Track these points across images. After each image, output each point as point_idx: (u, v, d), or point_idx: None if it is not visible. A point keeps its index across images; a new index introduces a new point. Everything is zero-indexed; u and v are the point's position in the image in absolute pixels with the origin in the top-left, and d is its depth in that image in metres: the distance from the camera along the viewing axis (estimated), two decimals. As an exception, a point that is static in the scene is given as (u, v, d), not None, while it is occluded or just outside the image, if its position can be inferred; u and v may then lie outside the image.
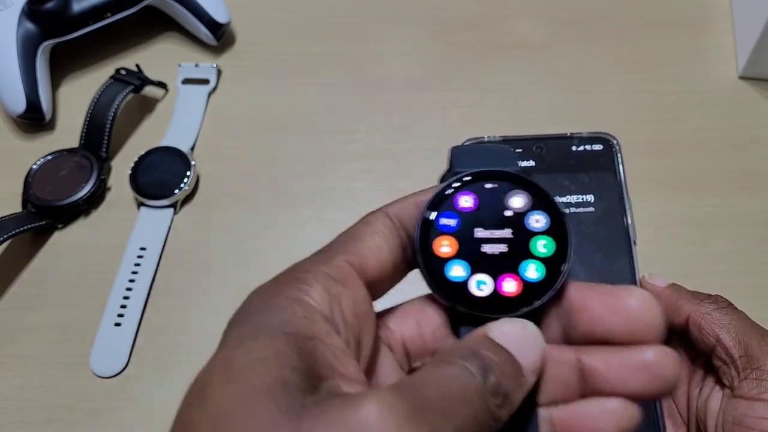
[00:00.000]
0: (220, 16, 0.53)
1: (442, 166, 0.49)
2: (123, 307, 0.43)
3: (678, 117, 0.49)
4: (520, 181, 0.25)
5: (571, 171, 0.45)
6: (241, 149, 0.50)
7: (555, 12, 0.55)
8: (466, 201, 0.25)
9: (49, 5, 0.50)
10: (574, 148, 0.46)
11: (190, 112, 0.52)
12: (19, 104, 0.50)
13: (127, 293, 0.44)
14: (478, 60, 0.53)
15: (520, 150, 0.45)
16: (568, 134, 0.46)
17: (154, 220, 0.47)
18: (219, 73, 0.54)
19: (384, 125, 0.50)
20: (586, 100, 0.50)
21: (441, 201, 0.25)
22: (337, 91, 0.52)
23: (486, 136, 0.46)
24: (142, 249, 0.46)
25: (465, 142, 0.46)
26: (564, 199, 0.44)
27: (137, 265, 0.45)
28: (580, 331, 0.23)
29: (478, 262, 0.24)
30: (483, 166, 0.26)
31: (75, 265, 0.46)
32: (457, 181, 0.26)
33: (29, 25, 0.51)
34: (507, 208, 0.25)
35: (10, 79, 0.50)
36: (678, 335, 0.36)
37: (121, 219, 0.47)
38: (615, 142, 0.45)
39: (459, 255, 0.24)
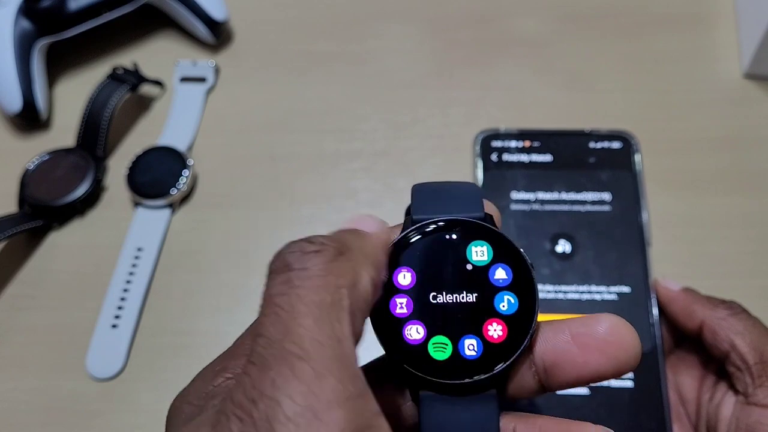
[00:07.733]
0: (218, 14, 0.53)
1: (443, 165, 0.48)
2: (120, 308, 0.43)
3: (681, 115, 0.49)
4: (482, 231, 0.23)
5: (588, 168, 0.44)
6: (240, 148, 0.50)
7: (557, 9, 0.55)
8: (423, 255, 0.23)
9: (46, 3, 0.50)
10: (591, 144, 0.45)
11: (188, 110, 0.51)
12: (15, 103, 0.49)
13: (124, 294, 0.43)
14: (479, 57, 0.53)
15: (538, 143, 0.45)
16: (586, 130, 0.45)
17: (151, 220, 0.46)
18: (217, 71, 0.53)
19: (384, 124, 0.50)
20: (588, 99, 0.50)
21: (396, 255, 0.23)
22: (337, 89, 0.52)
23: (502, 128, 0.46)
24: (139, 249, 0.45)
25: (478, 133, 0.46)
26: (580, 196, 0.43)
27: (134, 265, 0.44)
28: (558, 381, 0.22)
29: (437, 323, 0.22)
30: (444, 212, 0.24)
31: (71, 266, 0.45)
32: (413, 232, 0.23)
33: (25, 23, 0.50)
34: (468, 262, 0.23)
35: (5, 78, 0.49)
36: (690, 340, 0.35)
37: (118, 219, 0.47)
38: (634, 140, 0.45)
39: (416, 315, 0.22)
